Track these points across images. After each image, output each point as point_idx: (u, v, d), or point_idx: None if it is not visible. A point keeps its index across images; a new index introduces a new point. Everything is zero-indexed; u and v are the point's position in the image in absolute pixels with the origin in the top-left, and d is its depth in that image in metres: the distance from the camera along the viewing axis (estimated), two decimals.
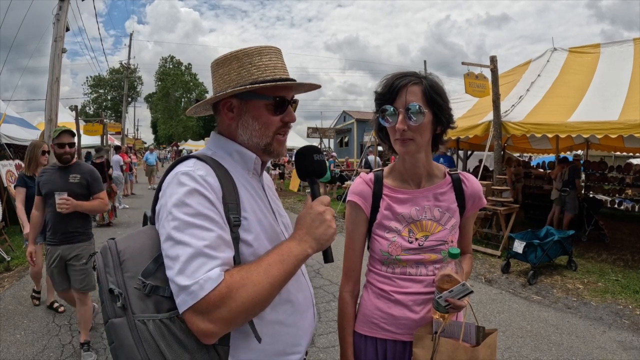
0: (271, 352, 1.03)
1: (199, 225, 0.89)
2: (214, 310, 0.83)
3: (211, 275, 0.84)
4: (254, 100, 1.07)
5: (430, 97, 1.21)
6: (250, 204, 1.04)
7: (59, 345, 3.34)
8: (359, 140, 28.37)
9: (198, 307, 0.83)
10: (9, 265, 5.44)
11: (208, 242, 0.87)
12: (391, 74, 1.29)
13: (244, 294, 0.85)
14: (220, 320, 0.84)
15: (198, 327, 0.84)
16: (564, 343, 3.53)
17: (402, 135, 1.23)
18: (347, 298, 1.41)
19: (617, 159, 13.50)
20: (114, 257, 0.93)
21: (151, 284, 0.89)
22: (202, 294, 0.82)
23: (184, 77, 51.75)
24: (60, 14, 9.05)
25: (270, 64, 1.07)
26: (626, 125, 5.31)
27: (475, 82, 6.84)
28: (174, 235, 0.88)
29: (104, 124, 14.89)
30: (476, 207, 1.40)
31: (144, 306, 0.88)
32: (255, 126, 1.08)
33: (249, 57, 1.06)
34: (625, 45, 7.57)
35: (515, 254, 5.29)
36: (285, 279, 0.93)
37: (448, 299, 1.15)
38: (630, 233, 8.17)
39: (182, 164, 1.00)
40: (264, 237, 1.03)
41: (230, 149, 1.10)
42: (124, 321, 0.86)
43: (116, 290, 0.88)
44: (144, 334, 0.85)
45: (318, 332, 3.62)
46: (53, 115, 8.86)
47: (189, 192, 0.91)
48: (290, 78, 1.10)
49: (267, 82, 1.04)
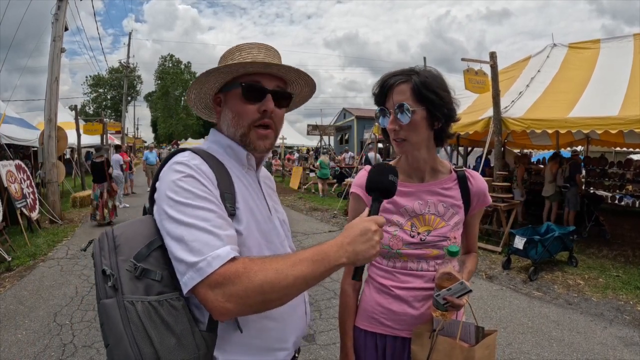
0: (257, 346, 1.03)
1: (199, 206, 0.90)
2: (228, 284, 0.83)
3: (220, 252, 0.85)
4: (231, 91, 1.08)
5: (420, 94, 1.19)
6: (243, 195, 1.05)
7: (60, 345, 3.34)
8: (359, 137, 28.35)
9: (209, 281, 0.83)
10: (10, 266, 5.45)
11: (211, 221, 0.89)
12: (386, 73, 1.28)
13: (262, 277, 0.84)
14: (235, 296, 0.83)
15: (212, 302, 0.84)
16: (565, 339, 3.53)
17: (395, 136, 1.23)
18: (348, 291, 1.41)
19: (618, 154, 13.45)
20: (109, 242, 0.96)
21: (142, 267, 0.91)
22: (209, 270, 0.83)
23: (184, 75, 51.66)
24: (59, 14, 9.04)
25: (248, 57, 1.08)
26: (626, 121, 5.30)
27: (475, 78, 6.81)
28: (176, 216, 0.89)
29: (104, 123, 14.89)
30: (481, 205, 1.38)
31: (134, 288, 0.89)
32: (229, 115, 1.09)
33: (230, 54, 1.11)
34: (625, 40, 7.53)
35: (516, 250, 5.29)
36: (312, 278, 0.88)
37: (446, 297, 1.15)
38: (631, 229, 8.16)
39: (177, 155, 1.02)
40: (254, 227, 1.04)
41: (224, 143, 1.11)
42: (114, 302, 0.88)
43: (108, 271, 0.91)
44: (132, 314, 0.86)
45: (319, 329, 3.63)
46: (53, 115, 8.87)
47: (185, 177, 0.93)
48: (255, 62, 1.05)
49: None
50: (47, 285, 4.78)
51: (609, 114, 5.55)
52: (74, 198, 11.00)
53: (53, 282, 4.90)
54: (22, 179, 7.51)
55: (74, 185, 14.09)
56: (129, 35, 26.99)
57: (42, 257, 5.99)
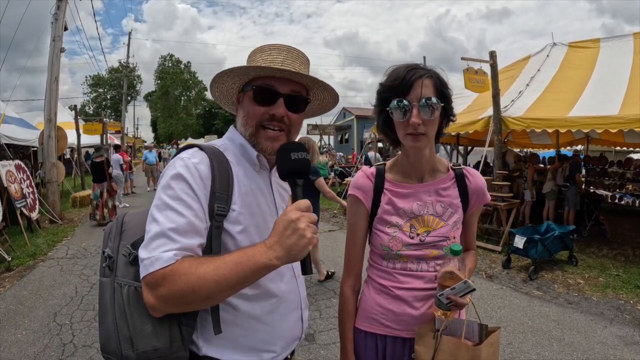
0: (242, 345, 1.05)
1: (174, 208, 0.93)
2: (157, 287, 0.88)
3: (164, 256, 0.89)
4: (246, 92, 1.11)
5: (440, 91, 1.19)
6: (246, 197, 1.05)
7: (60, 345, 3.34)
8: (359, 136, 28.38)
9: (147, 279, 0.89)
10: (10, 265, 5.44)
11: (175, 225, 0.92)
12: (398, 65, 1.24)
13: (184, 281, 0.87)
14: (160, 297, 0.88)
15: (145, 297, 0.90)
16: (565, 338, 3.53)
17: (415, 130, 1.17)
18: (348, 293, 1.40)
19: (618, 154, 13.46)
20: (117, 226, 1.07)
21: (135, 254, 0.97)
22: (150, 269, 0.88)
23: (183, 75, 51.71)
24: (59, 14, 9.03)
25: (268, 59, 1.09)
26: (626, 120, 5.30)
27: (475, 78, 6.82)
28: (153, 212, 0.95)
29: (104, 123, 14.87)
30: (480, 203, 1.37)
31: (126, 272, 0.99)
32: (241, 114, 1.13)
33: (254, 54, 1.13)
34: (625, 39, 7.54)
35: (516, 250, 5.29)
36: (236, 282, 0.88)
37: (450, 296, 1.13)
38: (631, 228, 8.16)
39: (184, 151, 1.05)
40: (254, 232, 1.04)
41: (238, 142, 1.13)
42: (108, 281, 0.99)
43: (107, 252, 1.02)
44: (118, 295, 0.96)
45: (319, 329, 3.62)
46: (52, 114, 8.86)
47: (175, 176, 0.97)
48: (281, 69, 1.05)
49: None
50: (46, 285, 4.78)
51: (608, 113, 5.55)
52: (73, 198, 11.00)
53: (53, 282, 4.90)
54: (22, 179, 7.51)
55: (73, 185, 14.09)
56: (128, 35, 26.98)
57: (42, 257, 5.99)
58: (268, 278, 0.99)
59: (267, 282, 1.04)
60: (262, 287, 1.05)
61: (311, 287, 4.64)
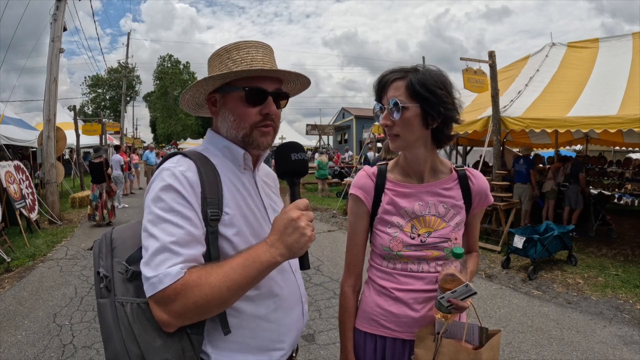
0: (251, 346, 1.04)
1: (169, 220, 0.92)
2: (170, 303, 0.88)
3: (171, 271, 0.88)
4: (230, 93, 1.08)
5: (414, 91, 1.17)
6: (236, 199, 1.05)
7: (60, 346, 3.34)
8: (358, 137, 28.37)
9: (156, 298, 0.88)
10: (9, 266, 5.43)
11: (175, 238, 0.91)
12: (386, 70, 1.28)
13: (197, 294, 0.87)
14: (174, 313, 0.88)
15: (156, 315, 0.90)
16: (565, 338, 3.53)
17: (389, 131, 1.24)
18: (348, 293, 1.40)
19: (617, 153, 13.48)
20: (107, 244, 1.03)
21: (133, 270, 0.96)
22: (160, 287, 0.87)
23: (182, 75, 51.56)
24: (58, 14, 9.02)
25: (247, 57, 1.07)
26: (625, 120, 5.30)
27: (474, 78, 6.82)
28: (148, 227, 0.93)
29: (103, 123, 14.87)
30: (483, 205, 1.36)
31: (125, 289, 0.95)
32: (230, 118, 1.09)
33: (227, 53, 1.09)
34: (624, 39, 7.54)
35: (515, 249, 5.29)
36: (246, 283, 0.92)
37: (451, 299, 1.12)
38: (630, 227, 8.18)
39: (168, 160, 1.03)
40: (248, 232, 1.04)
41: (220, 144, 1.12)
42: (107, 302, 0.94)
43: (102, 272, 0.97)
44: (122, 314, 0.92)
45: (319, 329, 3.63)
46: (51, 115, 8.85)
47: (165, 187, 0.95)
48: (264, 69, 1.06)
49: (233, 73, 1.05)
50: (46, 286, 4.78)
51: (607, 113, 5.55)
52: (73, 198, 10.98)
53: (52, 282, 4.89)
54: (21, 180, 7.50)
55: (73, 186, 14.08)
56: (127, 35, 26.97)
57: (41, 258, 5.98)
58: (268, 276, 0.99)
59: (267, 281, 1.05)
60: (263, 287, 1.05)
61: (311, 288, 4.64)
